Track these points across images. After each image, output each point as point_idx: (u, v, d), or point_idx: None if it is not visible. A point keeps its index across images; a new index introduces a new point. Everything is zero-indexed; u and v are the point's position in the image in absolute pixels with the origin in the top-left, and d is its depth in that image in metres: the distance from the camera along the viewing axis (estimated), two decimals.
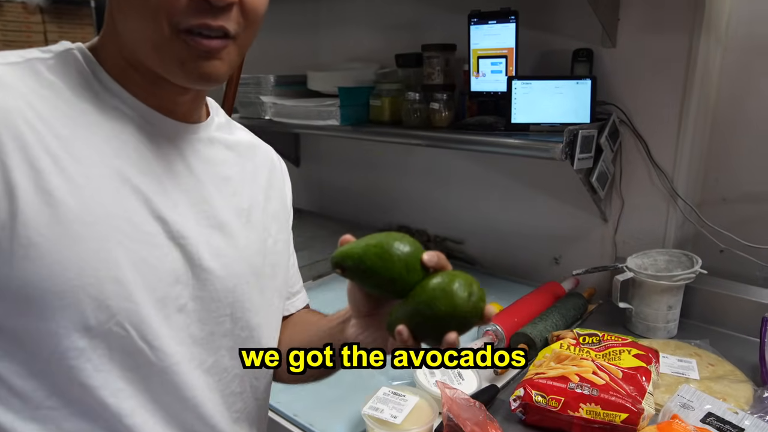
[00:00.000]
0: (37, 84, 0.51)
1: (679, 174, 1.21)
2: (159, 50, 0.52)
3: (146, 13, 0.50)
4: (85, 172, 0.50)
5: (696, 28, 1.13)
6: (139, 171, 0.54)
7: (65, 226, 0.48)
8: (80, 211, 0.49)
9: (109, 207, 0.51)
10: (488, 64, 1.29)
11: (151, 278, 0.53)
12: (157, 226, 0.54)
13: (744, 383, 0.94)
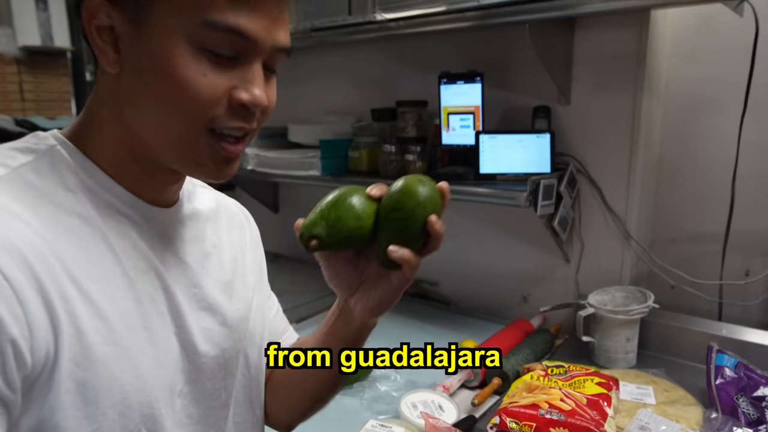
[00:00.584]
0: (33, 200, 0.49)
1: (630, 217, 1.34)
2: (181, 149, 0.52)
3: (179, 112, 0.50)
4: (102, 291, 0.50)
5: (638, 89, 1.28)
6: (143, 272, 0.55)
7: (95, 352, 0.48)
8: (106, 333, 0.49)
9: (129, 320, 0.52)
10: (457, 120, 1.41)
11: (164, 377, 0.55)
12: (164, 325, 0.56)
13: (695, 406, 1.04)
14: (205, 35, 0.48)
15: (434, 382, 1.13)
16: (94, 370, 0.48)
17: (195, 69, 0.49)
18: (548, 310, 1.31)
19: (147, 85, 0.50)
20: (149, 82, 0.50)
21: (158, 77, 0.49)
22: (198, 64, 0.49)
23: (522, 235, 1.51)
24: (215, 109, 0.50)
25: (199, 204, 0.67)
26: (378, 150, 1.52)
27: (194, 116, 0.50)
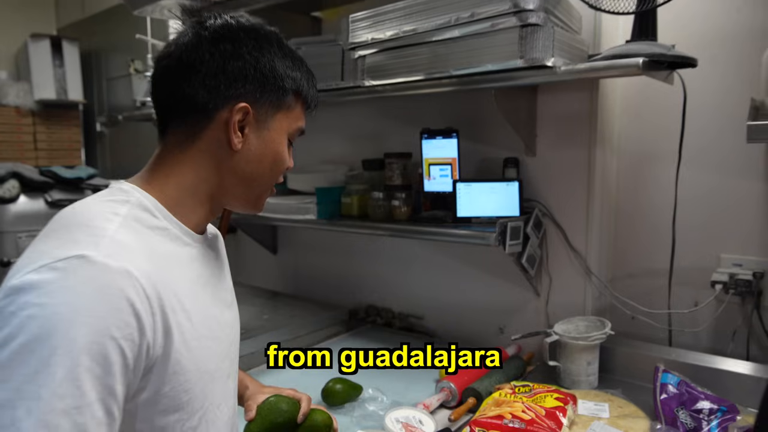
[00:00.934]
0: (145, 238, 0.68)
1: (591, 255, 1.51)
2: (257, 195, 0.81)
3: (272, 175, 0.81)
4: (189, 305, 0.70)
5: (592, 143, 1.48)
6: (197, 293, 0.74)
7: (189, 345, 0.69)
8: (194, 332, 0.70)
9: (205, 320, 0.73)
10: (437, 170, 1.60)
11: (223, 361, 0.79)
12: (220, 328, 0.78)
13: (643, 419, 1.19)
14: (294, 134, 0.83)
15: (417, 402, 1.28)
16: (188, 357, 0.68)
17: (285, 152, 0.81)
18: (518, 338, 1.46)
19: (257, 157, 0.78)
20: (259, 160, 0.78)
21: (267, 154, 0.78)
22: (286, 148, 0.82)
23: (497, 272, 1.68)
24: (282, 175, 0.83)
25: (209, 232, 0.87)
26: (368, 196, 1.70)
27: (277, 176, 0.82)
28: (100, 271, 0.59)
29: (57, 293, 0.57)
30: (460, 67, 1.28)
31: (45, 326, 0.56)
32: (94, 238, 0.62)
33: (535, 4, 1.14)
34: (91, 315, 0.57)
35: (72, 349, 0.56)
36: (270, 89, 0.77)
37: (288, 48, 0.80)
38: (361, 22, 1.40)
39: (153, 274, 0.64)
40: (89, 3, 3.50)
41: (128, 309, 0.60)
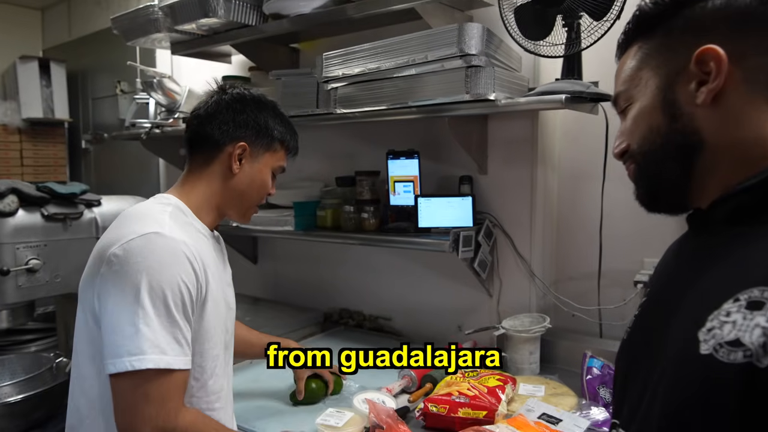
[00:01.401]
0: (186, 228, 1.04)
1: (534, 261, 1.74)
2: (247, 210, 1.18)
3: (258, 197, 1.17)
4: (213, 271, 1.05)
5: (534, 163, 1.71)
6: (216, 269, 1.09)
7: (215, 301, 1.06)
8: (217, 288, 1.06)
9: (221, 283, 1.10)
10: (401, 186, 1.82)
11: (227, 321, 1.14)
12: (223, 292, 1.12)
13: (572, 396, 1.40)
14: (276, 170, 1.19)
15: (382, 387, 1.47)
16: (213, 304, 1.04)
17: (269, 181, 1.18)
18: (471, 333, 1.67)
19: (249, 181, 1.13)
20: (250, 183, 1.14)
21: (255, 180, 1.14)
22: (270, 177, 1.18)
23: (455, 276, 1.89)
24: (265, 197, 1.19)
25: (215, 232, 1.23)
26: (341, 210, 1.91)
27: (261, 197, 1.18)
28: (169, 240, 0.96)
29: (147, 255, 0.93)
30: (418, 99, 1.50)
31: (144, 275, 0.91)
32: (158, 223, 0.98)
33: (477, 49, 1.37)
34: (169, 268, 0.94)
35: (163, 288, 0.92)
36: (262, 136, 1.14)
37: (280, 112, 1.20)
38: (333, 60, 1.62)
39: (194, 246, 1.00)
40: (76, 27, 3.66)
41: (188, 264, 0.96)
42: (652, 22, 0.68)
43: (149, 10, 2.04)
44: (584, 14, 1.36)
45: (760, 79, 0.61)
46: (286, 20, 1.81)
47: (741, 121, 0.61)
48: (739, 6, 0.61)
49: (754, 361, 0.50)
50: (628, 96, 0.70)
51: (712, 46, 0.61)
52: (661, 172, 0.68)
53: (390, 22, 1.82)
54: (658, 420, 0.60)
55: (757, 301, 0.52)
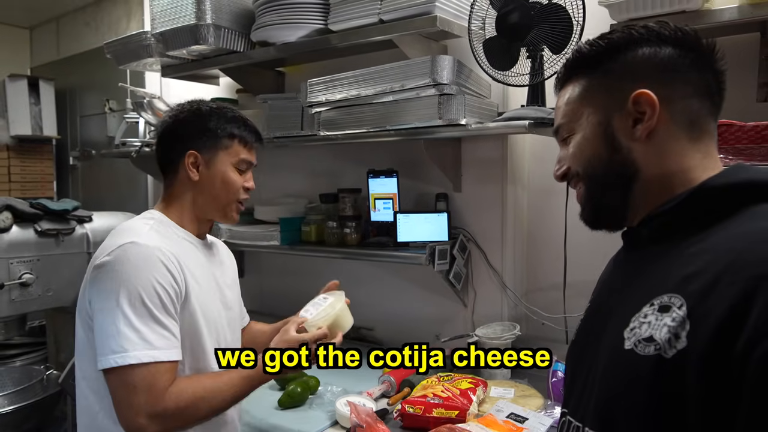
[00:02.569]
0: (167, 237, 1.15)
1: (506, 273, 1.86)
2: (224, 210, 1.24)
3: (228, 195, 1.22)
4: (197, 274, 1.16)
5: (505, 182, 1.84)
6: (203, 270, 1.20)
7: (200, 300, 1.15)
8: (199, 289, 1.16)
9: (203, 286, 1.17)
10: (381, 203, 1.93)
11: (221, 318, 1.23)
12: (215, 292, 1.23)
13: (539, 398, 1.52)
14: (240, 164, 1.23)
15: (362, 391, 1.58)
16: (200, 301, 1.15)
17: (235, 175, 1.22)
18: (447, 341, 1.79)
19: (212, 185, 1.21)
20: (214, 185, 1.21)
21: (216, 180, 1.21)
22: (235, 173, 1.22)
23: (433, 288, 2.00)
24: (239, 192, 1.23)
25: (211, 240, 1.36)
26: (324, 225, 2.01)
27: (233, 194, 1.23)
28: (143, 248, 1.07)
29: (124, 263, 1.05)
30: (395, 123, 1.62)
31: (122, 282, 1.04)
32: (136, 234, 1.11)
33: (448, 79, 1.49)
34: (144, 272, 1.05)
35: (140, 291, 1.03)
36: (208, 138, 1.21)
37: (224, 111, 1.24)
38: (317, 86, 1.74)
39: (173, 251, 1.11)
40: (64, 46, 3.75)
41: (162, 267, 1.07)
42: (590, 62, 0.78)
43: (141, 37, 2.14)
44: (545, 48, 1.49)
45: (683, 119, 0.73)
46: (273, 48, 1.93)
47: (668, 154, 0.73)
48: (664, 57, 0.74)
49: (662, 353, 0.62)
50: (570, 128, 0.80)
51: (646, 91, 0.72)
52: (603, 197, 0.78)
53: (370, 50, 1.95)
54: (594, 405, 0.72)
55: (666, 305, 0.65)
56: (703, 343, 0.58)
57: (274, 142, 1.99)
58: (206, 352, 1.17)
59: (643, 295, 0.69)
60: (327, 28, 1.79)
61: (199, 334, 1.15)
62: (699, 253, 0.65)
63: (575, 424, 0.76)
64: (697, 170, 0.73)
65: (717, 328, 0.57)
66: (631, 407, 0.65)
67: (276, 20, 1.82)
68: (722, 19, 1.29)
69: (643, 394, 0.63)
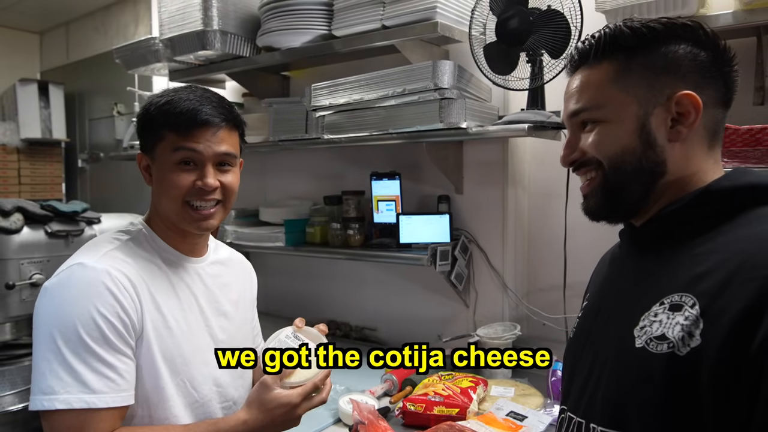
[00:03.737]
0: (132, 256, 0.98)
1: (507, 274, 1.89)
2: (176, 215, 1.00)
3: (172, 196, 0.98)
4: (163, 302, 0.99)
5: (505, 184, 1.86)
6: (185, 293, 1.04)
7: (161, 338, 0.97)
8: (163, 322, 0.98)
9: (177, 317, 1.00)
10: (384, 205, 1.96)
11: (204, 353, 1.03)
12: (201, 325, 1.05)
13: (539, 397, 1.54)
14: (178, 156, 0.97)
15: (365, 389, 1.61)
16: (157, 338, 0.97)
17: (176, 174, 0.98)
18: (448, 340, 1.81)
19: (159, 186, 1.01)
20: (160, 184, 1.00)
21: (159, 181, 1.00)
22: (177, 171, 0.98)
23: (435, 288, 2.03)
24: (186, 193, 0.99)
25: (220, 255, 1.17)
26: (328, 227, 2.05)
27: (177, 197, 0.99)
28: (89, 271, 0.92)
29: (62, 289, 0.91)
30: (397, 127, 1.65)
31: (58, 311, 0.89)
32: (92, 253, 0.96)
33: (449, 83, 1.53)
34: (83, 299, 0.90)
35: (77, 323, 0.88)
36: (144, 134, 1.02)
37: (156, 99, 1.01)
38: (321, 90, 1.77)
39: (132, 275, 0.95)
40: (73, 50, 3.81)
41: (107, 294, 0.91)
42: (628, 46, 0.74)
43: (150, 42, 2.19)
44: (544, 53, 1.52)
45: (710, 127, 0.75)
46: (278, 53, 1.96)
47: (692, 159, 0.75)
48: (703, 59, 0.73)
49: (676, 350, 0.64)
50: (600, 115, 0.76)
51: (692, 93, 0.71)
52: (623, 190, 0.76)
53: (372, 55, 1.98)
54: (602, 403, 0.73)
55: (677, 304, 0.67)
56: (718, 341, 0.60)
57: (279, 145, 2.03)
58: (167, 400, 0.97)
59: (652, 294, 0.71)
60: (331, 34, 1.82)
61: (157, 377, 0.96)
62: (708, 253, 0.67)
63: (576, 420, 0.78)
64: (708, 174, 0.75)
65: (732, 326, 0.59)
66: (643, 403, 0.67)
67: (281, 26, 1.85)
68: (717, 24, 1.31)
69: (656, 391, 0.65)
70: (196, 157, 0.99)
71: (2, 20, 3.81)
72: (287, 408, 0.98)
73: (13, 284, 2.08)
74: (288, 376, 1.00)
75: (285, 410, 0.98)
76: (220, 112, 1.00)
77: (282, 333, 1.09)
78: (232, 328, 1.12)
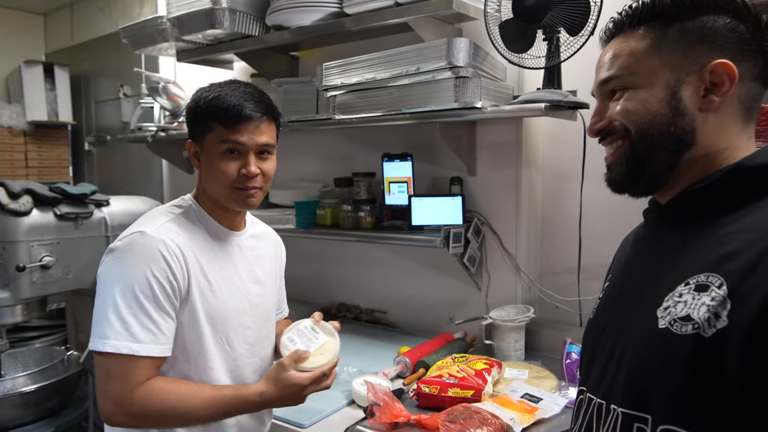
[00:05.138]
0: (183, 228, 1.14)
1: (519, 256, 1.87)
2: (224, 197, 1.16)
3: (221, 181, 1.13)
4: (209, 267, 1.14)
5: (519, 165, 1.84)
6: (227, 263, 1.18)
7: (207, 301, 1.13)
8: (208, 285, 1.14)
9: (219, 280, 1.16)
10: (396, 187, 1.94)
11: (240, 316, 1.19)
12: (240, 289, 1.20)
13: (553, 379, 1.53)
14: (225, 147, 1.12)
15: (378, 372, 1.60)
16: (204, 303, 1.13)
17: (224, 162, 1.12)
18: (461, 323, 1.80)
19: (205, 170, 1.16)
20: (208, 174, 1.15)
21: (208, 167, 1.15)
22: (224, 160, 1.13)
23: (447, 271, 2.02)
24: (233, 179, 1.13)
25: (256, 230, 1.33)
26: (339, 209, 2.03)
27: (225, 182, 1.13)
28: (148, 239, 1.08)
29: (126, 252, 1.07)
30: (411, 106, 1.62)
31: (119, 270, 1.06)
32: (151, 223, 1.12)
33: (464, 61, 1.49)
34: (141, 263, 1.05)
35: (133, 281, 1.04)
36: (196, 125, 1.15)
37: (204, 93, 1.15)
38: (332, 69, 1.74)
39: (183, 245, 1.10)
40: (78, 31, 3.76)
41: (161, 260, 1.06)
42: (668, 14, 0.73)
43: (157, 21, 2.15)
44: (562, 30, 1.49)
45: (745, 100, 0.73)
46: (288, 32, 1.93)
47: (724, 132, 0.72)
48: (743, 32, 0.71)
49: (701, 332, 0.62)
50: (629, 81, 0.75)
51: (728, 63, 0.69)
52: (649, 159, 0.74)
53: (385, 33, 1.94)
54: (624, 384, 0.72)
55: (704, 284, 0.65)
56: (746, 322, 0.59)
57: (288, 126, 2.00)
58: (206, 353, 1.13)
59: (676, 274, 0.69)
60: (342, 12, 1.79)
61: (200, 333, 1.12)
62: (737, 232, 0.65)
63: (597, 401, 0.76)
64: (740, 151, 0.72)
65: (761, 308, 0.58)
66: (666, 385, 0.65)
67: (291, 4, 1.82)
68: None
69: (681, 372, 0.63)
70: (240, 147, 1.13)
71: (6, 1, 3.77)
72: (297, 388, 1.14)
73: (23, 266, 2.07)
74: (302, 360, 1.17)
75: (295, 390, 1.14)
76: (261, 108, 1.14)
77: (301, 324, 1.26)
78: (265, 294, 1.27)
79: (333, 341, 1.24)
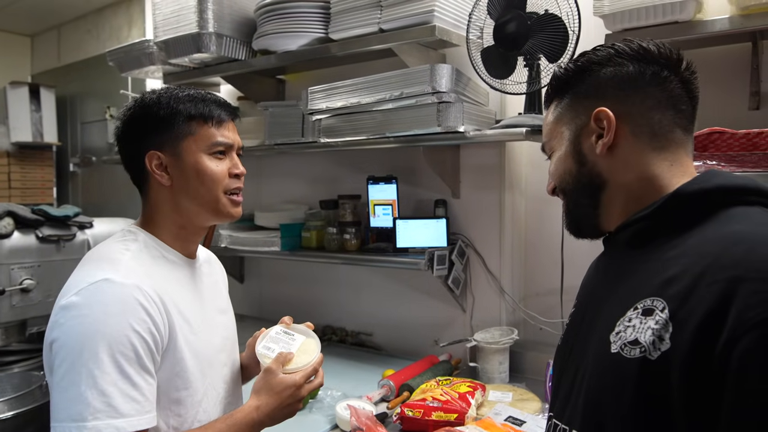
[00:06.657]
0: (152, 267, 0.96)
1: (504, 278, 1.88)
2: (213, 207, 1.00)
3: (210, 189, 0.99)
4: (186, 310, 0.98)
5: (502, 188, 1.86)
6: (195, 297, 1.03)
7: (189, 344, 0.96)
8: (189, 327, 0.97)
9: (203, 327, 1.01)
10: (381, 209, 1.95)
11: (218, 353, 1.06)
12: (211, 324, 1.05)
13: (537, 402, 1.53)
14: (215, 149, 1.00)
15: (363, 395, 1.59)
16: (188, 348, 0.96)
17: (214, 165, 0.99)
18: (445, 345, 1.80)
19: (186, 181, 0.98)
20: (189, 182, 0.99)
21: (191, 175, 0.98)
22: (214, 161, 1.00)
23: (432, 293, 2.02)
24: (224, 181, 1.01)
25: (203, 255, 1.16)
26: (324, 231, 2.03)
27: (217, 184, 1.00)
28: (119, 287, 0.88)
29: (93, 307, 0.86)
30: (394, 130, 1.65)
31: (89, 330, 0.85)
32: (113, 266, 0.91)
33: (447, 87, 1.52)
34: (117, 317, 0.86)
35: (110, 342, 0.85)
36: (162, 131, 0.98)
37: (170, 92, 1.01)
38: (317, 94, 1.76)
39: (157, 287, 0.93)
40: (65, 53, 3.77)
41: (140, 310, 0.88)
42: (564, 85, 0.83)
43: (144, 45, 2.17)
44: (542, 56, 1.52)
45: (645, 131, 0.77)
46: (274, 56, 1.95)
47: (631, 165, 0.77)
48: (624, 73, 0.78)
49: (647, 355, 0.64)
50: (551, 146, 0.86)
51: (603, 108, 0.77)
52: (576, 208, 0.84)
53: (369, 58, 1.98)
54: (582, 407, 0.74)
55: (649, 308, 0.67)
56: (685, 344, 0.61)
57: (275, 149, 2.01)
58: (198, 404, 1.00)
59: (626, 299, 0.72)
60: (327, 37, 1.82)
61: (189, 381, 0.97)
62: (677, 256, 0.68)
63: (561, 426, 0.78)
64: (664, 178, 0.76)
65: (698, 329, 0.60)
66: (617, 410, 0.67)
67: (277, 29, 1.84)
68: (714, 29, 1.32)
69: (629, 396, 0.66)
70: (228, 148, 1.03)
71: None
72: (293, 389, 1.03)
73: (3, 290, 2.05)
74: (289, 362, 1.07)
75: (291, 391, 1.03)
76: (227, 106, 1.06)
77: (272, 330, 1.16)
78: (230, 323, 1.16)
79: (311, 339, 1.16)
